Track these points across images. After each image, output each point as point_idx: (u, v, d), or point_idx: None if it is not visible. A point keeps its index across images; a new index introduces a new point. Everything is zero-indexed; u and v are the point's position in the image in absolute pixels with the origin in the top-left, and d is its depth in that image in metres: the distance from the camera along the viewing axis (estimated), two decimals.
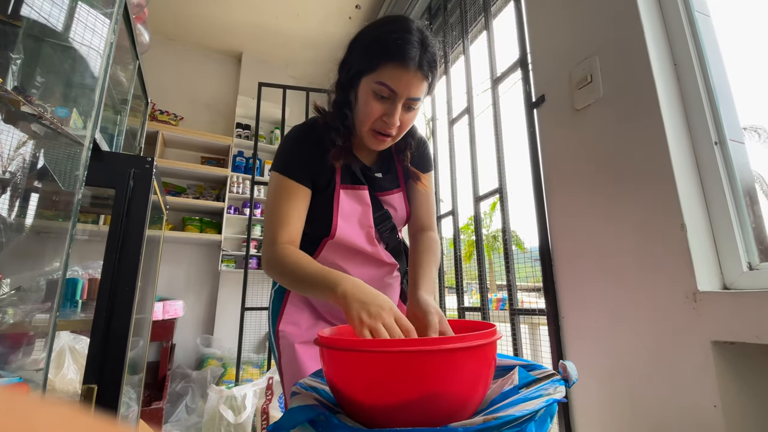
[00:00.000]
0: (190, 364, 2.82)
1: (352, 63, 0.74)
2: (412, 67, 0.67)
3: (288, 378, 0.82)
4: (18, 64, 0.71)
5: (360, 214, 0.82)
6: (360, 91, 0.73)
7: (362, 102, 0.73)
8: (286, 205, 0.76)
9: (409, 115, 0.74)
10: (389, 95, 0.70)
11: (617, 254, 1.00)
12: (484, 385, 0.50)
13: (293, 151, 0.80)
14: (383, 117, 0.72)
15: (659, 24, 1.03)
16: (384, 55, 0.68)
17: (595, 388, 1.04)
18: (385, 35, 0.69)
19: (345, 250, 0.83)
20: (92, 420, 0.11)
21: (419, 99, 0.72)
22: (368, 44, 0.71)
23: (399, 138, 0.78)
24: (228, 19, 3.05)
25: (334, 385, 0.52)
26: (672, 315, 0.86)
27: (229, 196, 3.00)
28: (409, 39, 0.68)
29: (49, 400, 0.11)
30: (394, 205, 0.87)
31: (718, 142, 0.92)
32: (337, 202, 0.80)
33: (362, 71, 0.71)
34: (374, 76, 0.69)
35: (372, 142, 0.77)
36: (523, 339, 1.45)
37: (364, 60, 0.71)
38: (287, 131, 0.85)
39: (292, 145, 0.81)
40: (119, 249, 0.91)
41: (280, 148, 0.82)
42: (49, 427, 0.10)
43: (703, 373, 0.80)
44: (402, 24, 0.70)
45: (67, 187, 0.65)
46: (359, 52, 0.73)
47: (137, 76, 1.49)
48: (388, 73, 0.68)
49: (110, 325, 0.86)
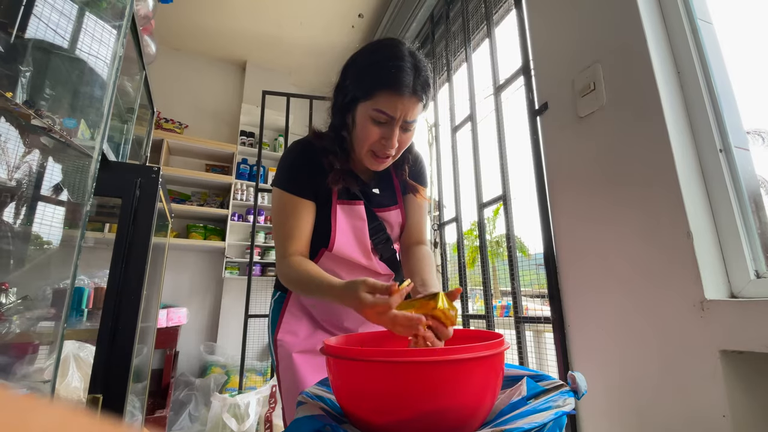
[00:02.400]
0: (193, 371, 2.81)
1: (348, 89, 0.75)
2: (407, 93, 0.69)
3: (286, 387, 0.83)
4: (27, 76, 0.72)
5: (356, 230, 0.84)
6: (357, 116, 0.74)
7: (360, 126, 0.74)
8: (292, 221, 0.79)
9: (407, 135, 0.76)
10: (386, 120, 0.72)
11: (622, 262, 1.00)
12: (492, 395, 0.50)
13: (295, 167, 0.82)
14: (381, 140, 0.74)
15: (662, 32, 1.03)
16: (379, 83, 0.70)
17: (603, 398, 1.03)
18: (379, 63, 0.71)
19: (342, 260, 0.85)
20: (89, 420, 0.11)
21: (415, 120, 0.74)
22: (363, 71, 0.73)
23: (398, 156, 0.80)
24: (232, 29, 3.09)
25: (341, 394, 0.52)
26: (679, 323, 0.86)
27: (233, 204, 3.01)
28: (403, 66, 0.69)
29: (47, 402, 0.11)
30: (391, 222, 0.89)
31: (722, 149, 0.92)
32: (334, 217, 0.82)
33: (358, 97, 0.73)
34: (371, 104, 0.71)
35: (371, 163, 0.78)
36: (528, 347, 1.44)
37: (359, 87, 0.73)
38: (288, 145, 0.87)
39: (293, 161, 0.83)
40: (125, 258, 0.91)
41: (281, 165, 0.84)
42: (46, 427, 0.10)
43: (711, 383, 0.79)
44: (395, 50, 0.72)
45: (75, 198, 0.65)
46: (355, 78, 0.74)
47: (144, 86, 1.50)
48: (384, 101, 0.70)
49: (116, 335, 0.86)
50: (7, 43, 0.70)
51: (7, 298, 0.78)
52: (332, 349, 0.52)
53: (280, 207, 0.80)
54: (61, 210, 0.70)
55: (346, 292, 0.62)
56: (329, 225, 0.82)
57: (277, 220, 0.80)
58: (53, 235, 0.72)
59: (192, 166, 3.17)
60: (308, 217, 0.81)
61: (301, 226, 0.79)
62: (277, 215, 0.81)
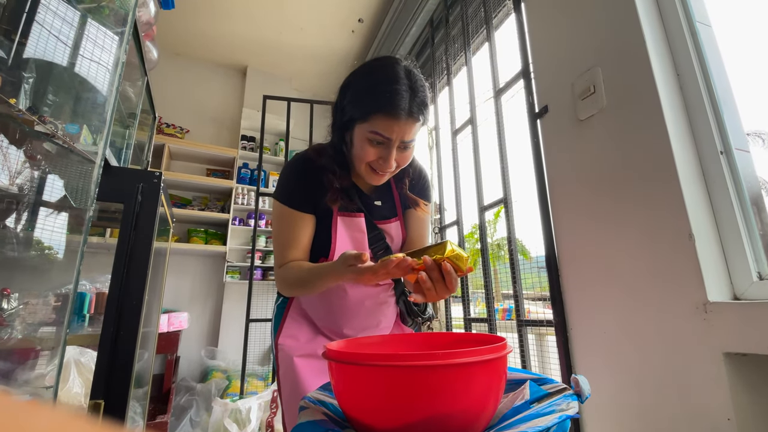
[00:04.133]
0: (194, 376, 2.81)
1: (346, 109, 0.75)
2: (403, 116, 0.69)
3: (286, 391, 0.83)
4: (30, 83, 0.72)
5: (356, 241, 0.85)
6: (355, 136, 0.75)
7: (358, 146, 0.75)
8: (289, 233, 0.81)
9: (405, 153, 0.76)
10: (383, 141, 0.72)
11: (624, 264, 1.00)
12: (495, 399, 0.50)
13: (293, 181, 0.83)
14: (379, 160, 0.74)
15: (661, 35, 1.04)
16: (375, 107, 0.69)
17: (606, 401, 1.02)
18: (375, 87, 0.71)
19: None
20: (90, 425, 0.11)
21: (413, 139, 0.74)
22: (359, 94, 0.73)
23: (397, 171, 0.80)
24: (233, 35, 3.11)
25: (343, 398, 0.52)
26: (682, 326, 0.85)
27: (234, 208, 3.01)
28: (398, 90, 0.69)
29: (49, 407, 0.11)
30: (391, 234, 0.89)
31: (723, 151, 0.92)
32: (335, 228, 0.83)
33: (355, 118, 0.73)
34: (367, 126, 0.71)
35: (371, 178, 0.79)
36: (530, 350, 1.43)
37: (356, 109, 0.73)
38: (288, 149, 0.89)
39: (292, 175, 0.84)
40: (127, 264, 0.91)
41: (282, 177, 0.86)
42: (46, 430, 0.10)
43: (715, 386, 0.79)
44: (390, 72, 0.71)
45: (78, 204, 0.66)
46: (352, 100, 0.74)
47: (145, 91, 1.51)
48: (381, 124, 0.70)
49: (117, 340, 0.86)
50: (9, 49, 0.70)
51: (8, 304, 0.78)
52: (335, 354, 0.52)
53: (280, 219, 0.82)
54: (64, 215, 0.70)
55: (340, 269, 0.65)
56: (329, 236, 0.83)
57: (276, 231, 0.83)
58: (55, 240, 0.72)
59: (193, 171, 3.18)
60: (307, 229, 0.82)
61: (299, 237, 0.81)
62: (276, 228, 0.83)
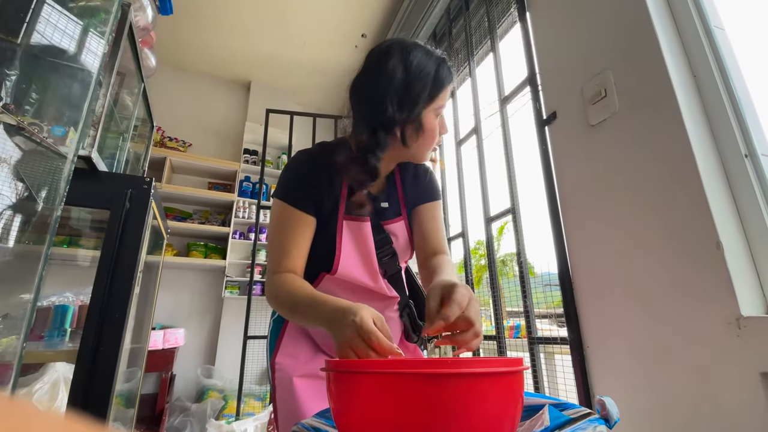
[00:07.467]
0: (189, 396, 2.70)
1: (404, 101, 0.73)
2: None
3: (283, 415, 0.75)
4: (12, 80, 0.68)
5: (362, 249, 0.78)
6: (424, 120, 0.75)
7: (428, 128, 0.75)
8: (289, 234, 0.73)
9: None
10: (440, 113, 0.77)
11: (645, 277, 0.93)
12: (511, 423, 0.43)
13: (297, 178, 0.77)
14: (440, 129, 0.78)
15: (674, 37, 1.00)
16: (443, 84, 0.75)
17: (630, 427, 0.93)
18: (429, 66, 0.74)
19: (345, 282, 0.78)
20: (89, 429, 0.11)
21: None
22: (419, 78, 0.73)
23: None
24: (236, 50, 3.13)
25: (342, 418, 0.45)
26: (713, 343, 0.78)
27: (234, 221, 2.97)
28: (439, 56, 0.76)
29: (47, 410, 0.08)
30: (396, 233, 0.84)
31: (748, 154, 0.86)
32: (340, 234, 0.76)
33: (421, 102, 0.73)
34: (435, 103, 0.75)
35: (429, 156, 0.82)
36: (542, 371, 1.34)
37: (426, 94, 0.74)
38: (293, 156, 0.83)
39: (296, 171, 0.78)
40: (111, 274, 0.85)
41: (283, 174, 0.79)
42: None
43: (752, 409, 0.71)
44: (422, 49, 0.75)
45: (46, 203, 0.60)
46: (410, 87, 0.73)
47: (142, 98, 1.48)
48: (444, 95, 0.76)
49: (97, 357, 0.79)
50: None
51: None
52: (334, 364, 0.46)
53: (278, 219, 0.75)
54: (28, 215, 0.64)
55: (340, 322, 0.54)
56: (332, 244, 0.76)
57: (273, 232, 0.75)
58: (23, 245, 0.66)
59: (195, 184, 3.15)
60: (307, 233, 0.75)
61: (298, 242, 0.73)
62: (274, 227, 0.75)
